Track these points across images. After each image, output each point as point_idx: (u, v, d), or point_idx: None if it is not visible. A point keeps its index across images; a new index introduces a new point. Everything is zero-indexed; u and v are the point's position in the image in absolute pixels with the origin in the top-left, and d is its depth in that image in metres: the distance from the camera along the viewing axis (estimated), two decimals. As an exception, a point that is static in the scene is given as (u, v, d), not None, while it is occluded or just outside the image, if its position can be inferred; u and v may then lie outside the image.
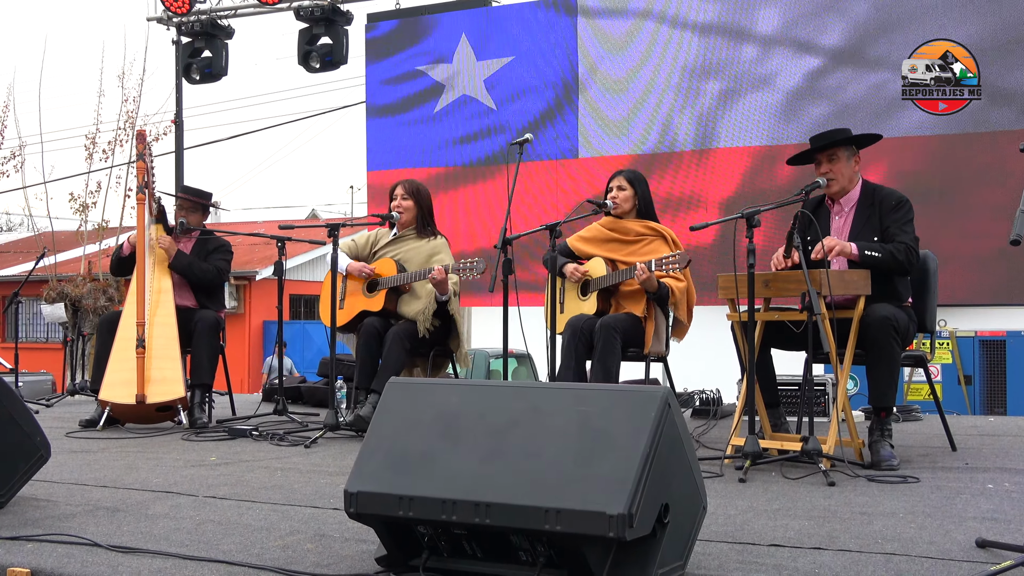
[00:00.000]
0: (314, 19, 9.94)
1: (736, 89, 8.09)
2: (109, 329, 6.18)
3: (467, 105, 9.16)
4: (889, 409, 4.57)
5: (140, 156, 6.22)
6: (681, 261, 5.05)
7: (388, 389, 2.90)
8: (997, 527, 3.25)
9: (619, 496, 2.40)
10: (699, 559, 2.84)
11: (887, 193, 4.81)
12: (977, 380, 12.34)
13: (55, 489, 4.02)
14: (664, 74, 8.35)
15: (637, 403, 2.58)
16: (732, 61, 8.11)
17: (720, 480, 4.17)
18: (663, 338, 5.37)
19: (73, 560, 2.91)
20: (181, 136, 11.51)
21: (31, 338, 22.42)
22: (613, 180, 5.65)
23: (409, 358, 5.81)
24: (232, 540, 3.16)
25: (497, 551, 2.60)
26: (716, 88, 8.16)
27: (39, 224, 17.79)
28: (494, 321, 5.62)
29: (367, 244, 6.22)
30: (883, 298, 4.58)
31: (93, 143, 16.63)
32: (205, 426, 6.06)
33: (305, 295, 23.25)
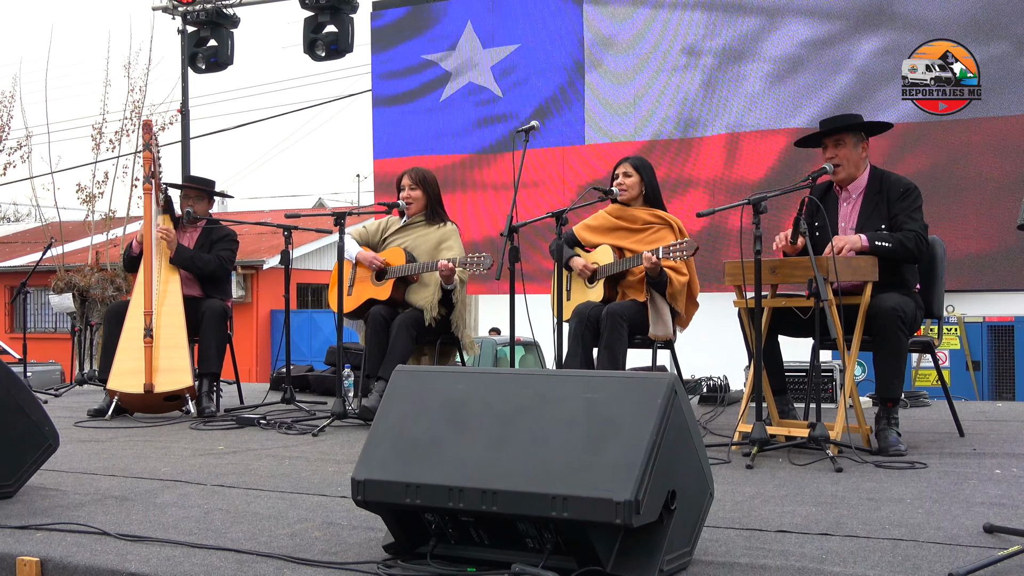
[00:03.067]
0: (319, 7, 9.90)
1: (746, 71, 8.06)
2: (117, 319, 6.19)
3: (473, 93, 9.15)
4: (896, 399, 4.57)
5: (147, 146, 6.23)
6: (688, 249, 5.04)
7: (395, 377, 2.90)
8: (1005, 512, 3.25)
9: (626, 483, 2.40)
10: (706, 545, 2.84)
11: (895, 180, 4.78)
12: (985, 365, 12.32)
13: (64, 478, 4.04)
14: (672, 58, 8.32)
15: (644, 390, 2.58)
16: (742, 42, 8.07)
17: (727, 466, 4.17)
18: (668, 322, 5.35)
19: (82, 549, 2.92)
20: (187, 125, 11.51)
21: (39, 328, 22.47)
22: (619, 167, 5.63)
23: (416, 346, 5.82)
24: (240, 528, 3.17)
25: (504, 538, 2.61)
26: (726, 71, 8.13)
27: (46, 214, 17.80)
28: (501, 309, 5.63)
29: (378, 231, 6.22)
30: (891, 286, 4.57)
31: (100, 133, 16.62)
32: (213, 415, 6.08)
33: (312, 284, 23.26)
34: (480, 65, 9.10)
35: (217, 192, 6.65)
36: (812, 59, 7.81)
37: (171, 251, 6.23)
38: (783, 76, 7.93)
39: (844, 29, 7.73)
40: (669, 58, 8.34)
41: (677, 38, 8.32)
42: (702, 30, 8.21)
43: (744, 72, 8.06)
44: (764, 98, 7.99)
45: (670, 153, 8.34)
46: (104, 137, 16.62)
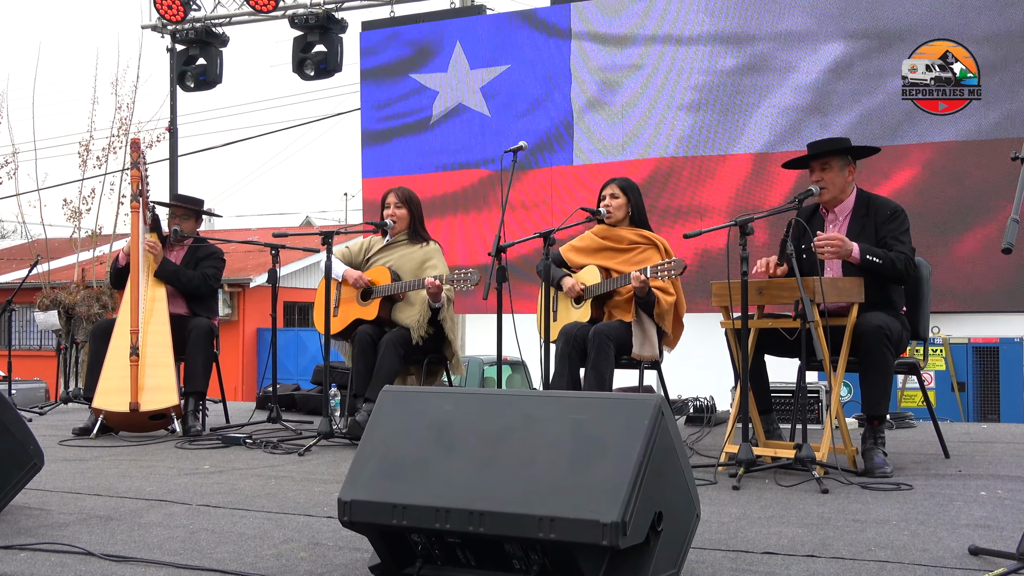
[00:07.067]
0: (309, 27, 9.94)
1: (734, 98, 8.10)
2: (103, 337, 6.17)
3: (462, 113, 9.17)
4: (882, 418, 4.59)
5: (134, 164, 6.22)
6: (676, 268, 5.06)
7: (382, 397, 2.90)
8: (990, 534, 3.26)
9: (612, 504, 2.40)
10: (693, 567, 2.84)
11: (882, 203, 4.82)
12: (970, 387, 12.35)
13: (48, 498, 4.01)
14: (659, 80, 8.35)
15: (631, 411, 2.58)
16: (730, 66, 8.12)
17: (714, 487, 4.17)
18: (654, 343, 5.36)
19: (67, 569, 2.90)
20: (175, 143, 11.51)
21: (24, 345, 22.34)
22: (606, 188, 5.66)
23: (403, 365, 5.81)
24: (226, 548, 3.15)
25: (491, 559, 2.61)
26: (716, 93, 8.17)
27: (32, 231, 17.72)
28: (488, 329, 5.63)
29: (360, 251, 6.24)
30: (878, 306, 4.59)
31: (87, 150, 16.56)
32: (199, 434, 6.05)
33: (299, 302, 23.22)
34: (469, 86, 9.13)
35: (205, 211, 6.65)
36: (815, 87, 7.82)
37: (156, 263, 6.22)
38: (777, 99, 7.96)
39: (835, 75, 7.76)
40: (657, 76, 8.37)
41: (663, 59, 8.35)
42: (697, 54, 8.24)
43: (736, 95, 8.10)
44: (762, 121, 8.02)
45: (662, 175, 8.36)
46: (91, 154, 16.57)
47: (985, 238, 7.19)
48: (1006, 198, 7.10)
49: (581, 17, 8.66)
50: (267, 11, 10.17)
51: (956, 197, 7.36)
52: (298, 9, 9.99)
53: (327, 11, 9.88)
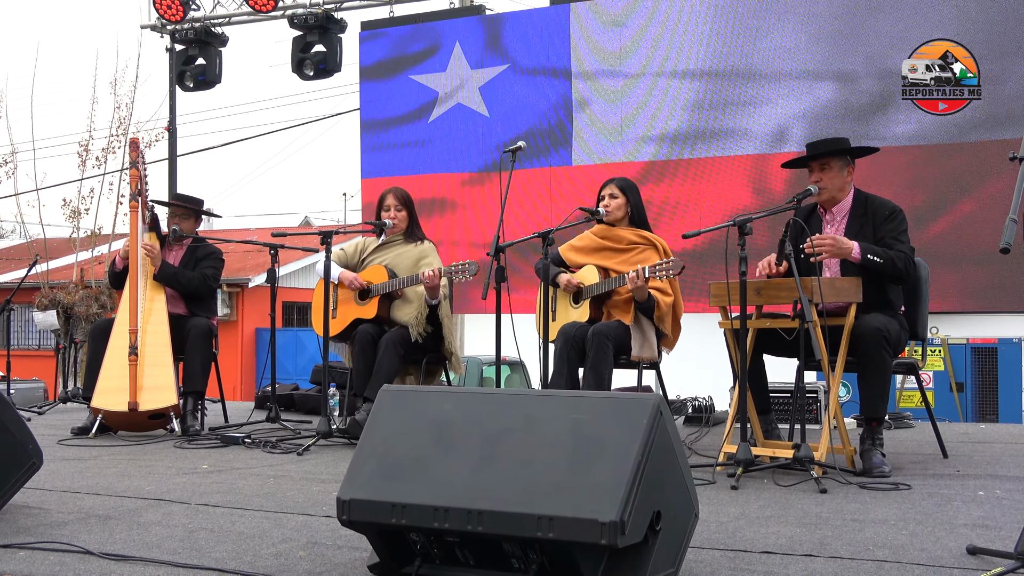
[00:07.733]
0: (308, 27, 9.94)
1: (734, 97, 8.10)
2: (101, 336, 6.17)
3: (461, 113, 9.16)
4: (880, 419, 4.59)
5: (133, 163, 6.22)
6: (675, 267, 5.06)
7: (381, 397, 2.90)
8: (988, 534, 3.26)
9: (611, 503, 2.40)
10: (691, 566, 2.85)
11: (880, 203, 4.82)
12: (969, 387, 12.37)
13: (47, 497, 4.02)
14: (659, 80, 8.36)
15: (629, 411, 2.59)
16: (731, 68, 8.11)
17: (712, 487, 4.18)
18: (653, 344, 5.37)
19: (65, 568, 2.91)
20: (175, 143, 11.50)
21: (23, 345, 22.32)
22: (605, 188, 5.66)
23: (402, 364, 5.82)
24: (224, 548, 3.16)
25: (490, 558, 2.61)
26: (714, 96, 8.17)
27: (31, 231, 17.70)
28: (487, 329, 5.64)
29: (356, 252, 6.26)
30: (876, 307, 4.60)
31: (86, 150, 16.55)
32: (197, 434, 6.06)
33: (298, 302, 23.21)
34: (468, 86, 9.13)
35: (204, 211, 6.65)
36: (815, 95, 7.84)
37: (155, 267, 6.22)
38: (772, 107, 7.97)
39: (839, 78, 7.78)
40: (660, 80, 8.38)
41: (669, 59, 8.35)
42: (695, 55, 8.25)
43: (737, 96, 8.10)
44: (751, 121, 8.03)
45: (655, 174, 8.36)
46: (90, 154, 16.56)
47: (984, 237, 7.19)
48: (1005, 198, 7.11)
49: (581, 17, 8.66)
50: (266, 11, 10.17)
51: (955, 197, 7.36)
52: (297, 9, 9.98)
53: (326, 11, 9.88)
